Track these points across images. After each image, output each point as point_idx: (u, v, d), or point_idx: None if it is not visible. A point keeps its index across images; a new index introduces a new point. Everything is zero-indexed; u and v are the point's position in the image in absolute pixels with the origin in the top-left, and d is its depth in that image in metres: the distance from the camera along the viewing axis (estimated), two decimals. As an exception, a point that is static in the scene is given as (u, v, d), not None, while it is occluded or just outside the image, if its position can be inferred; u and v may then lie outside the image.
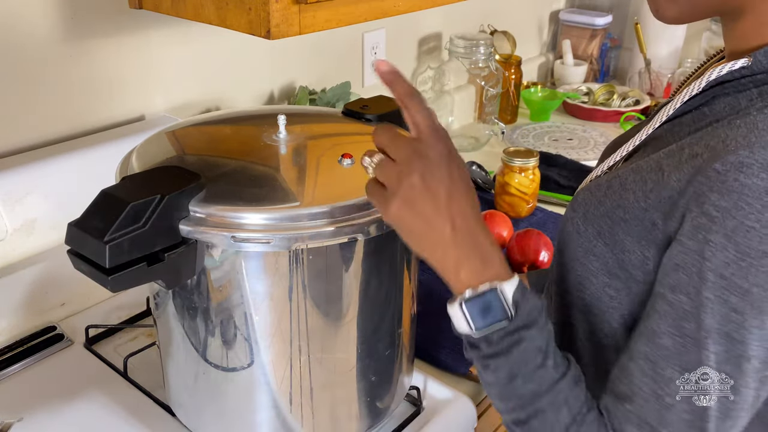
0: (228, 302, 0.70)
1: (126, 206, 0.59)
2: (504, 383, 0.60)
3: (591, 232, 0.65)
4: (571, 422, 0.59)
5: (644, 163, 0.63)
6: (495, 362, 0.60)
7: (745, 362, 0.55)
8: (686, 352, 0.56)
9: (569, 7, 2.21)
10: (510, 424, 0.63)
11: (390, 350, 0.79)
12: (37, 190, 0.97)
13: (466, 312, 0.59)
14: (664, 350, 0.57)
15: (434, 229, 0.58)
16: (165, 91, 1.18)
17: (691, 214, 0.55)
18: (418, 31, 1.67)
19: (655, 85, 2.03)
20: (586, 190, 0.68)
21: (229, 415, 0.77)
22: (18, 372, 0.92)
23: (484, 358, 0.61)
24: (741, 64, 0.59)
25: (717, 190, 0.53)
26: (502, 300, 0.58)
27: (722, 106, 0.61)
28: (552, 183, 1.51)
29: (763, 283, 0.53)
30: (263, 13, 0.84)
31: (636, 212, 0.60)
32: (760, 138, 0.53)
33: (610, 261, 0.64)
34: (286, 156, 0.75)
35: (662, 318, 0.57)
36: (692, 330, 0.55)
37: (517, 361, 0.59)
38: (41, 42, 1.00)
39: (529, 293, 0.59)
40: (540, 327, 0.59)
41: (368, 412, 0.82)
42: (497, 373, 0.60)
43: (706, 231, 0.53)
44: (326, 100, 1.38)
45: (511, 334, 0.58)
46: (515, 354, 0.59)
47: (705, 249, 0.53)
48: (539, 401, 0.60)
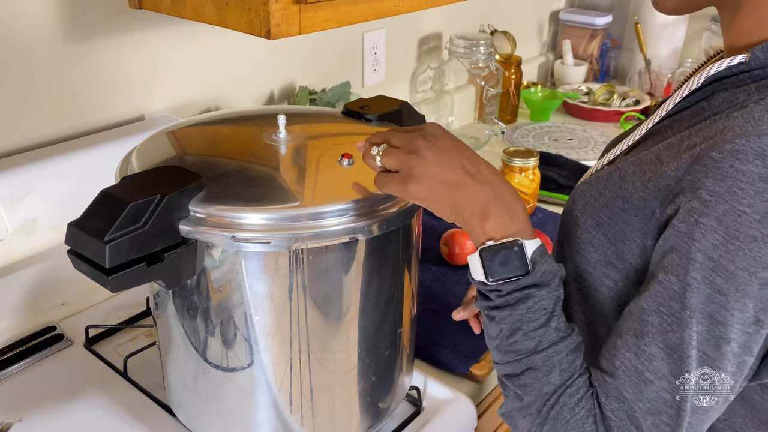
0: (228, 302, 0.70)
1: (126, 206, 0.59)
2: (505, 336, 0.62)
3: (590, 223, 0.66)
4: (560, 385, 0.61)
5: (644, 155, 0.64)
6: (500, 314, 0.62)
7: (725, 344, 0.56)
8: (671, 331, 0.57)
9: (569, 7, 2.21)
10: (503, 378, 0.65)
11: (390, 350, 0.79)
12: (37, 190, 0.97)
13: (485, 260, 0.61)
14: (650, 327, 0.58)
15: (456, 189, 0.61)
16: (165, 91, 1.18)
17: (686, 197, 0.56)
18: (418, 31, 1.67)
19: (655, 85, 2.03)
20: (586, 183, 0.69)
21: (229, 415, 0.77)
22: (18, 372, 0.92)
23: (491, 308, 0.63)
24: (739, 60, 0.60)
25: (712, 176, 0.54)
26: (524, 254, 0.60)
27: (720, 101, 0.62)
28: (552, 183, 1.51)
29: (748, 267, 0.54)
30: (263, 13, 0.84)
31: (635, 202, 0.61)
32: (756, 127, 0.54)
33: (609, 251, 0.65)
34: (286, 156, 0.75)
35: (652, 297, 0.58)
36: (678, 309, 0.56)
37: (521, 317, 0.61)
38: (41, 42, 1.00)
39: (548, 256, 0.61)
40: (551, 289, 0.61)
41: (368, 412, 0.82)
42: (501, 324, 0.62)
43: (698, 214, 0.55)
44: (326, 100, 1.38)
45: (522, 290, 0.60)
46: (521, 309, 0.61)
47: (695, 231, 0.55)
48: (534, 358, 0.61)
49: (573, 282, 0.71)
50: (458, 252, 1.19)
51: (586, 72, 2.08)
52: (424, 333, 1.01)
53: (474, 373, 0.95)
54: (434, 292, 1.13)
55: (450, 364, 0.96)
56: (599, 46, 2.11)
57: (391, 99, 0.90)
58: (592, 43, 2.10)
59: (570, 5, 2.22)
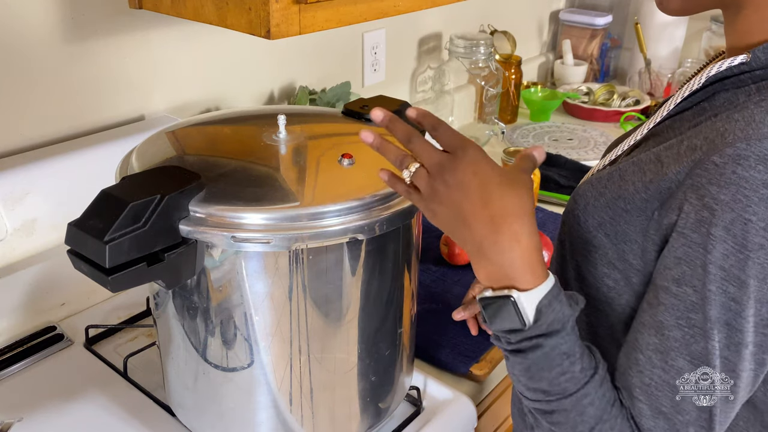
0: (228, 302, 0.70)
1: (126, 206, 0.59)
2: (527, 378, 0.61)
3: (591, 223, 0.66)
4: (596, 422, 0.60)
5: (644, 156, 0.64)
6: (515, 358, 0.61)
7: (744, 348, 0.57)
8: (694, 342, 0.57)
9: (569, 7, 2.21)
10: (533, 410, 0.64)
11: (390, 350, 0.79)
12: (37, 190, 0.97)
13: (483, 309, 0.60)
14: (673, 341, 0.58)
15: (467, 228, 0.58)
16: (165, 91, 1.18)
17: (691, 206, 0.56)
18: (418, 31, 1.67)
19: (655, 85, 2.03)
20: (587, 183, 0.69)
21: (229, 415, 0.77)
22: (18, 372, 0.92)
23: (504, 350, 0.62)
24: (740, 60, 0.60)
25: (716, 183, 0.54)
26: (516, 309, 0.58)
27: (721, 101, 0.61)
28: (552, 183, 1.51)
29: (758, 275, 0.54)
30: (263, 13, 0.84)
31: (638, 203, 0.61)
32: (757, 130, 0.54)
33: (610, 251, 0.65)
34: (286, 156, 0.75)
35: (668, 310, 0.58)
36: (699, 321, 0.56)
37: (538, 363, 0.59)
38: (41, 42, 1.00)
39: (558, 301, 0.58)
40: (564, 335, 0.59)
41: (368, 412, 0.82)
42: (517, 367, 0.61)
43: (708, 224, 0.54)
44: (326, 100, 1.38)
45: (529, 339, 0.59)
46: (534, 356, 0.59)
47: (707, 242, 0.55)
48: (563, 402, 0.60)
49: (574, 281, 0.71)
50: (458, 252, 1.19)
51: (586, 72, 2.08)
52: (424, 333, 1.01)
53: (474, 373, 0.95)
54: (434, 292, 1.13)
55: (450, 364, 0.96)
56: (599, 46, 2.11)
57: (391, 99, 0.90)
58: (592, 43, 2.10)
59: (570, 5, 2.22)
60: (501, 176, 0.58)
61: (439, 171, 0.58)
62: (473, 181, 0.57)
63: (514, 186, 0.58)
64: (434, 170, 0.59)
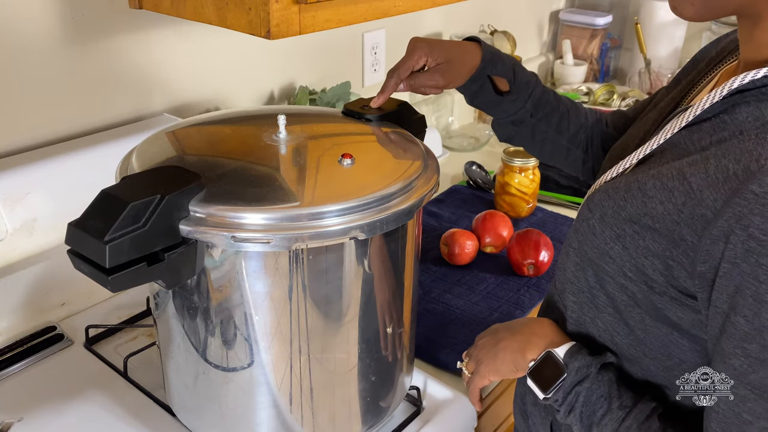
0: (228, 302, 0.70)
1: (126, 206, 0.59)
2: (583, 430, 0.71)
3: (608, 234, 0.66)
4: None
5: (665, 170, 0.63)
6: (568, 419, 0.71)
7: None
8: (753, 372, 0.57)
9: (569, 7, 2.21)
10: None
11: (390, 350, 0.79)
12: (37, 190, 0.97)
13: (533, 377, 0.73)
14: (733, 370, 0.59)
15: (501, 365, 0.79)
16: (165, 91, 1.18)
17: (737, 236, 0.55)
18: (418, 31, 1.67)
19: (655, 85, 2.03)
20: (603, 191, 0.69)
21: (229, 415, 0.77)
22: (18, 372, 0.92)
23: (564, 418, 0.72)
24: (763, 74, 0.59)
25: (759, 213, 0.54)
26: (555, 358, 0.72)
27: (744, 116, 0.60)
28: (552, 183, 1.51)
29: None
30: (263, 13, 0.84)
31: (668, 224, 0.60)
32: None
33: (627, 264, 0.65)
34: (286, 156, 0.75)
35: (728, 339, 0.59)
36: (756, 350, 0.57)
37: (585, 413, 0.69)
38: (41, 42, 1.00)
39: (579, 354, 0.71)
40: (594, 379, 0.69)
41: (368, 412, 0.82)
42: (575, 426, 0.71)
43: (757, 254, 0.54)
44: (326, 100, 1.38)
45: (570, 392, 0.70)
46: (579, 407, 0.70)
47: (759, 272, 0.55)
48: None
49: (587, 292, 0.71)
50: (458, 252, 1.19)
51: (586, 72, 2.08)
52: (424, 333, 1.01)
53: (474, 373, 0.95)
54: (434, 292, 1.13)
55: (450, 364, 0.96)
56: (599, 46, 2.11)
57: (391, 99, 0.90)
58: (592, 43, 2.10)
59: (570, 5, 2.22)
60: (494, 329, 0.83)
61: (477, 351, 0.84)
62: (496, 340, 0.81)
63: (499, 329, 0.83)
64: (475, 353, 0.84)
